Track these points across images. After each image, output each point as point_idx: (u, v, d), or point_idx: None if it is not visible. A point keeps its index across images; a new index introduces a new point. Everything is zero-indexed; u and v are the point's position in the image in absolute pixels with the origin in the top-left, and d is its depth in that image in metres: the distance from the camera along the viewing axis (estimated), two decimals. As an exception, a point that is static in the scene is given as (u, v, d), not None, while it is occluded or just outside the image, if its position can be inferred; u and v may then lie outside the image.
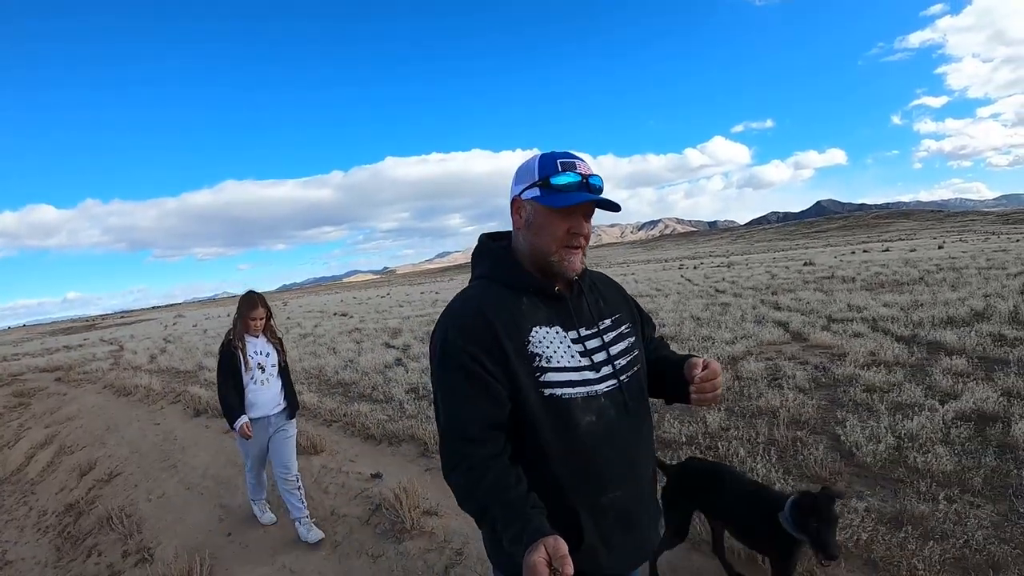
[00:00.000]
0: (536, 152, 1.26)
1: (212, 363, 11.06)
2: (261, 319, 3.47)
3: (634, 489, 1.28)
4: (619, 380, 1.26)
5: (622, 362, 1.29)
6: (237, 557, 3.42)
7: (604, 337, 1.28)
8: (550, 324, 1.22)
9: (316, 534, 3.46)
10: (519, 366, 1.16)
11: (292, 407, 3.65)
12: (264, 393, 3.47)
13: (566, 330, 1.24)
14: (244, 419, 3.41)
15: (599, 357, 1.25)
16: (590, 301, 1.32)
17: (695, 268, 32.77)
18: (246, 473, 3.77)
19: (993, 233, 60.10)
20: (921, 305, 8.87)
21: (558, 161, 1.21)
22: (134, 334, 27.25)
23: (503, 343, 1.16)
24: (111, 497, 4.82)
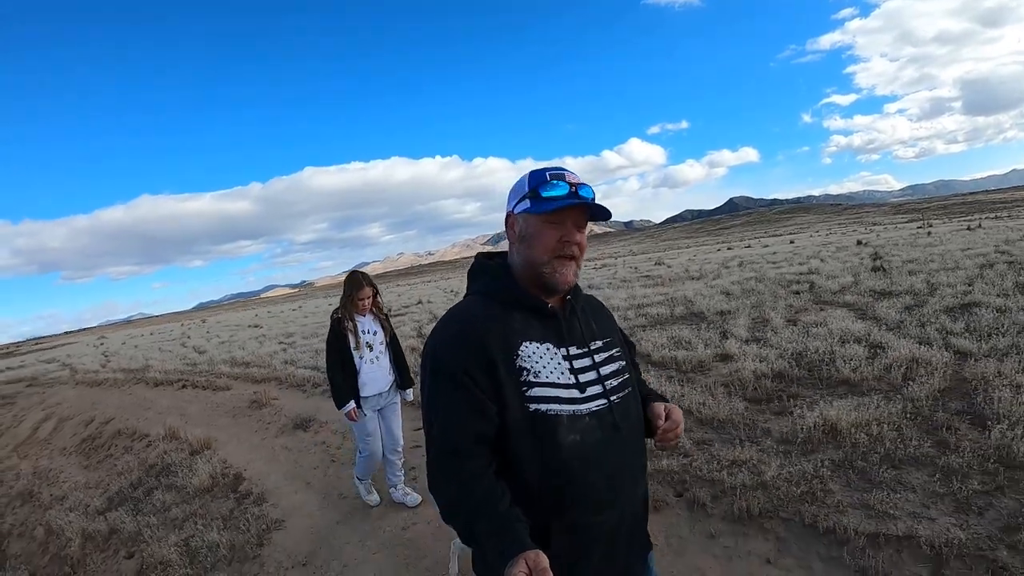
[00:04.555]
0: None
1: (157, 363, 14.49)
2: (368, 298, 3.53)
3: (617, 515, 1.26)
4: (609, 400, 1.26)
5: (613, 383, 1.30)
6: (192, 427, 7.34)
7: (595, 357, 1.30)
8: (541, 340, 1.24)
9: (414, 498, 3.81)
10: (507, 380, 1.18)
11: (403, 380, 3.77)
12: (376, 370, 3.58)
13: (557, 347, 1.26)
14: (351, 405, 3.48)
15: (587, 377, 1.26)
16: (582, 321, 1.33)
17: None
18: (358, 454, 3.80)
19: (875, 224, 64.20)
20: (659, 295, 11.43)
21: (547, 173, 1.25)
22: (70, 353, 29.40)
23: (492, 356, 1.18)
24: (114, 428, 8.53)
